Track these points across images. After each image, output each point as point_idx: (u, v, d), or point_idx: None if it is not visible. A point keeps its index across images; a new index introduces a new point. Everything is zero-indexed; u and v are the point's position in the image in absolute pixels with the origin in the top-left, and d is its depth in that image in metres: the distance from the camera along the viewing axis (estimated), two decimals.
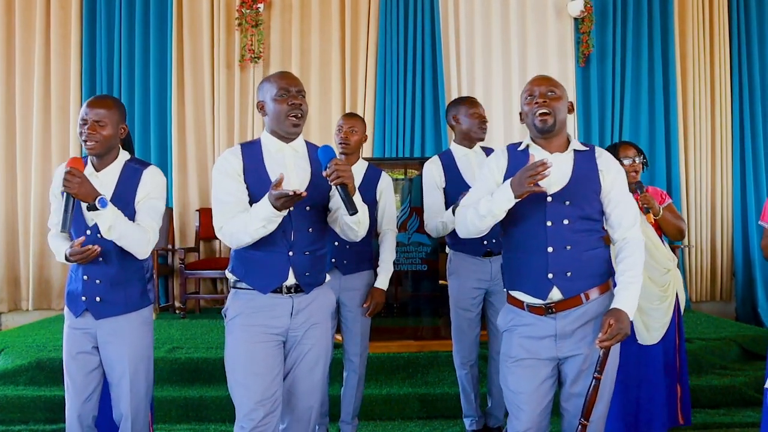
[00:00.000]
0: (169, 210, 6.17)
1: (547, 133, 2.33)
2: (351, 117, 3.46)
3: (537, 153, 2.36)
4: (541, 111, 2.30)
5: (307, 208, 2.30)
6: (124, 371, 2.55)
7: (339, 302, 3.38)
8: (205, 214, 5.97)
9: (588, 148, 2.38)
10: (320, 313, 2.42)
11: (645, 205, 3.24)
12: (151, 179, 2.56)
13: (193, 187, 6.31)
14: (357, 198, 2.28)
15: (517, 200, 2.21)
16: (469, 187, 3.27)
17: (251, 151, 2.37)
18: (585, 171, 2.32)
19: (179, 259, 5.83)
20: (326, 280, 2.49)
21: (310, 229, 2.34)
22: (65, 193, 2.31)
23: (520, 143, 2.43)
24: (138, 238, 2.46)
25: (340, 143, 3.38)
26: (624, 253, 2.31)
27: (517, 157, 2.39)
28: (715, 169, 6.64)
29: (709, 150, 6.63)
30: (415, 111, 6.37)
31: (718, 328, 5.12)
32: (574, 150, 2.36)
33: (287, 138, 2.37)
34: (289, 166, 2.34)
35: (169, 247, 6.11)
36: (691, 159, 6.57)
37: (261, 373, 2.29)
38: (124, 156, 2.59)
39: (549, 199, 2.28)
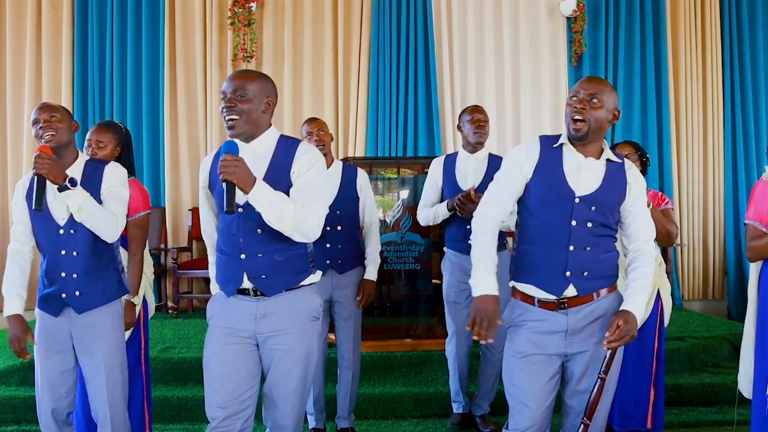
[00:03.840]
0: (161, 209, 6.17)
1: (578, 141, 2.31)
2: (316, 120, 3.53)
3: (570, 155, 2.33)
4: (575, 117, 2.27)
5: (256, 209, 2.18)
6: (99, 366, 2.62)
7: (332, 300, 3.49)
8: (198, 213, 5.93)
9: (620, 161, 2.38)
10: (292, 318, 2.30)
11: None
12: (112, 173, 2.66)
13: (186, 186, 6.29)
14: (269, 199, 2.13)
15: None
16: (460, 190, 3.42)
17: None
18: (614, 181, 2.33)
19: (172, 258, 5.82)
20: (307, 282, 2.36)
21: (259, 230, 2.25)
22: (36, 176, 2.42)
23: (558, 136, 2.38)
24: (106, 219, 2.53)
25: (317, 146, 3.40)
26: (637, 263, 2.35)
27: (550, 152, 2.35)
28: (707, 168, 6.67)
29: (701, 148, 6.66)
30: (408, 110, 6.37)
31: (710, 327, 5.14)
32: (607, 159, 2.35)
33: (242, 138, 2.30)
34: None
35: (162, 246, 6.10)
36: (683, 157, 6.60)
37: (226, 374, 2.29)
38: (83, 157, 2.71)
39: (577, 200, 2.28)
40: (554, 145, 2.36)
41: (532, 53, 6.57)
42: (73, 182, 2.45)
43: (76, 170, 2.64)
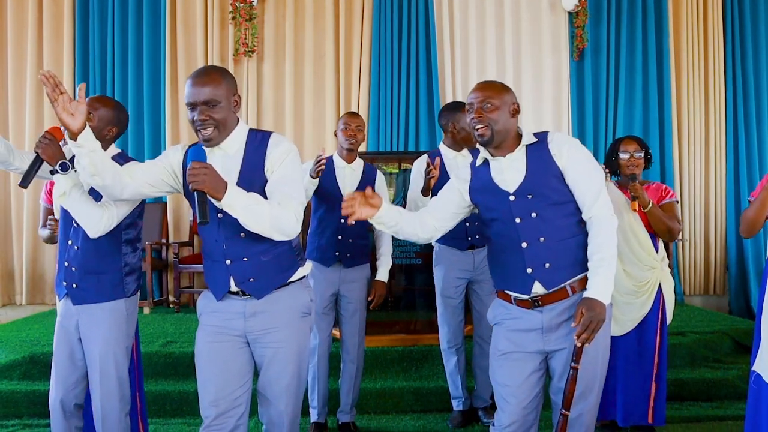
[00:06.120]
0: (163, 204, 6.17)
1: (488, 145, 2.33)
2: (356, 116, 3.56)
3: (494, 163, 2.36)
4: (477, 126, 2.30)
5: None
6: (94, 362, 2.64)
7: (338, 295, 3.53)
8: None
9: (538, 138, 2.34)
10: (283, 316, 2.28)
11: (632, 194, 3.25)
12: None
13: None
14: (243, 203, 2.07)
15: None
16: None
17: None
18: (539, 161, 2.30)
19: (173, 253, 5.82)
20: (296, 277, 2.32)
21: (242, 234, 2.20)
22: (36, 154, 2.45)
23: (477, 153, 2.43)
24: (89, 213, 2.48)
25: (348, 140, 3.48)
26: (591, 233, 2.26)
27: (477, 171, 2.42)
28: (709, 163, 6.65)
29: (702, 144, 6.65)
30: (409, 105, 6.36)
31: (711, 322, 5.14)
32: (526, 145, 2.34)
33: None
34: (216, 169, 2.16)
35: (163, 241, 6.11)
36: (684, 153, 6.59)
37: (216, 372, 2.26)
38: (113, 150, 2.72)
39: (512, 198, 2.30)
40: (477, 165, 2.42)
41: (534, 48, 6.56)
42: (64, 167, 2.41)
43: None
